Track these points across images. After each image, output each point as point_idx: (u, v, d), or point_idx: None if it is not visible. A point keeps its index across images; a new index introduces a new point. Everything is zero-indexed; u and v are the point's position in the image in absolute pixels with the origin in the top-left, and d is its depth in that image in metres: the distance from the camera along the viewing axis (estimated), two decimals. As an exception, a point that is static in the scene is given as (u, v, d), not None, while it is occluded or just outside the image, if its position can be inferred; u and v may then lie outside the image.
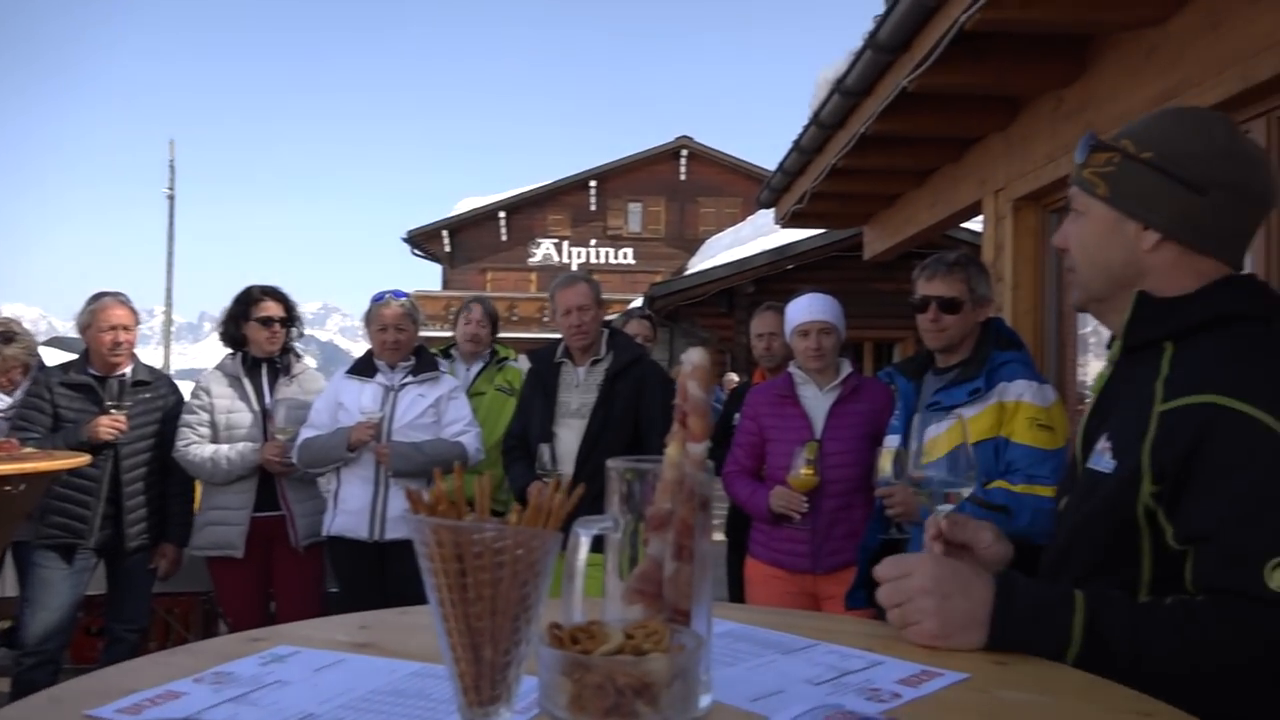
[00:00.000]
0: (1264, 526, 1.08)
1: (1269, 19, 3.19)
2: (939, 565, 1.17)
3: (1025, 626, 1.12)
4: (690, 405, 0.93)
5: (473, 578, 0.74)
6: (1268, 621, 1.04)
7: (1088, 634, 1.09)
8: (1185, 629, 1.07)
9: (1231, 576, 1.08)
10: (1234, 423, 1.11)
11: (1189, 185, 1.27)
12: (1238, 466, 1.11)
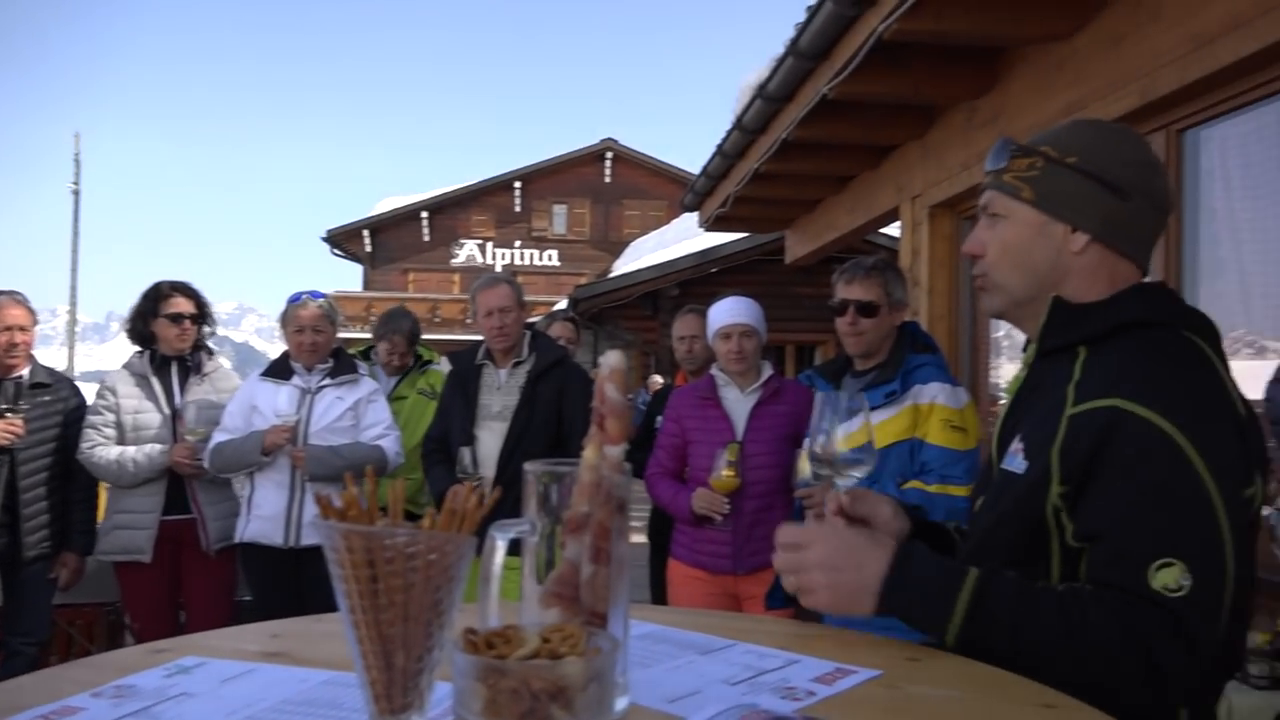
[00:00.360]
0: (1152, 528, 1.12)
1: (1168, 37, 3.33)
2: (834, 539, 1.19)
3: (912, 599, 1.16)
4: (608, 408, 0.93)
5: (384, 584, 0.72)
6: (1144, 618, 1.08)
7: (970, 613, 1.12)
8: (1068, 614, 1.11)
9: (1118, 573, 1.12)
10: (1134, 427, 1.15)
11: (1114, 190, 1.32)
12: (1133, 469, 1.15)
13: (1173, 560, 1.09)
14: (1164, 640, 1.07)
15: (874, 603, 1.16)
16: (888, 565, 1.17)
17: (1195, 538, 1.11)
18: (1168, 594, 1.08)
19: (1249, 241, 3.39)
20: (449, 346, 6.49)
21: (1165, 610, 1.08)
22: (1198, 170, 3.55)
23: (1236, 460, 1.17)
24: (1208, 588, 1.10)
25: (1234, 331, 3.44)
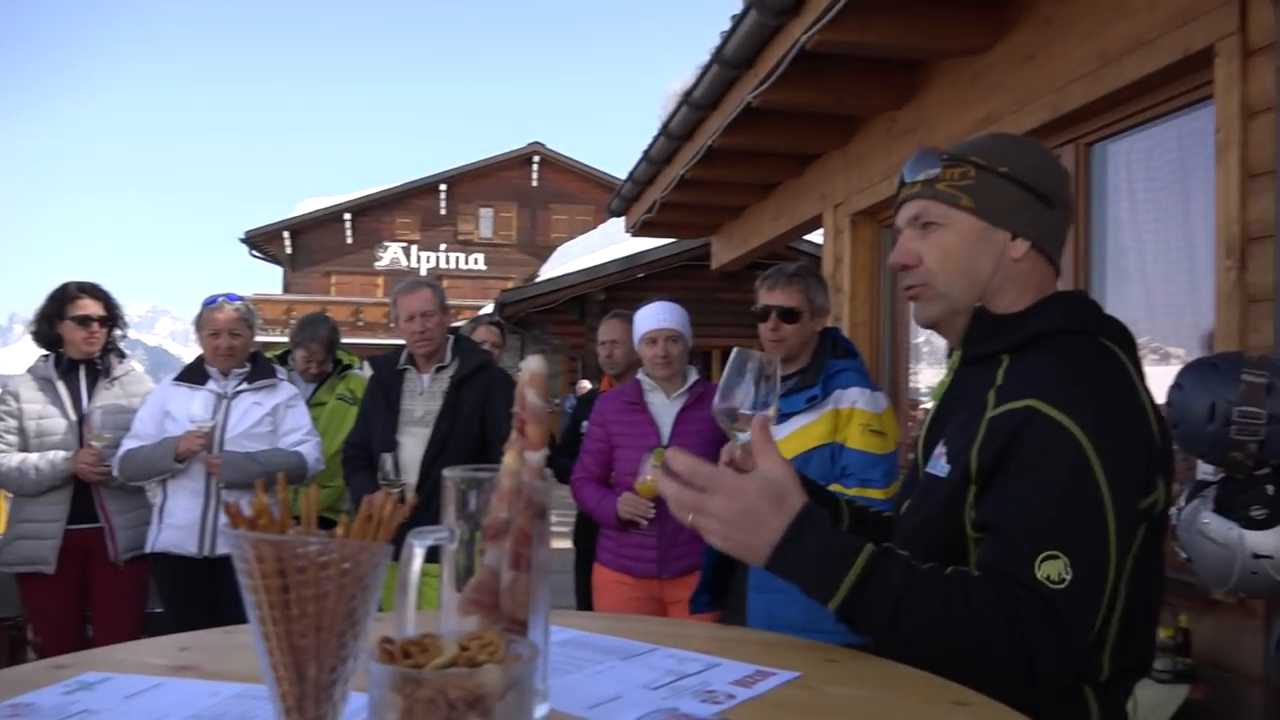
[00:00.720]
0: (1042, 522, 1.15)
1: (1076, 54, 3.45)
2: (736, 497, 1.16)
3: (801, 568, 1.16)
4: (528, 413, 0.92)
5: (296, 594, 0.71)
6: (1024, 605, 1.11)
7: (854, 589, 1.13)
8: (950, 593, 1.13)
9: (1005, 561, 1.15)
10: (1042, 425, 1.19)
11: (1042, 198, 1.37)
12: (1034, 465, 1.18)
13: (1058, 554, 1.12)
14: (1039, 629, 1.10)
15: (764, 563, 1.17)
16: (781, 535, 1.15)
17: (1082, 536, 1.15)
18: (1049, 585, 1.11)
19: (1152, 252, 3.53)
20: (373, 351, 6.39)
21: (1044, 600, 1.11)
22: (1105, 182, 3.69)
23: (1137, 468, 1.21)
24: (1086, 585, 1.13)
25: (1139, 339, 3.57)
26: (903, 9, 3.79)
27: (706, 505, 1.16)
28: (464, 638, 0.82)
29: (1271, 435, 2.22)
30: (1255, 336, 2.67)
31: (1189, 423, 2.33)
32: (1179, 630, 2.81)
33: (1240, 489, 2.32)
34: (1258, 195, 2.69)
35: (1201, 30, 2.87)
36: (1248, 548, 2.25)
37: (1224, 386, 2.27)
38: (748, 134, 5.03)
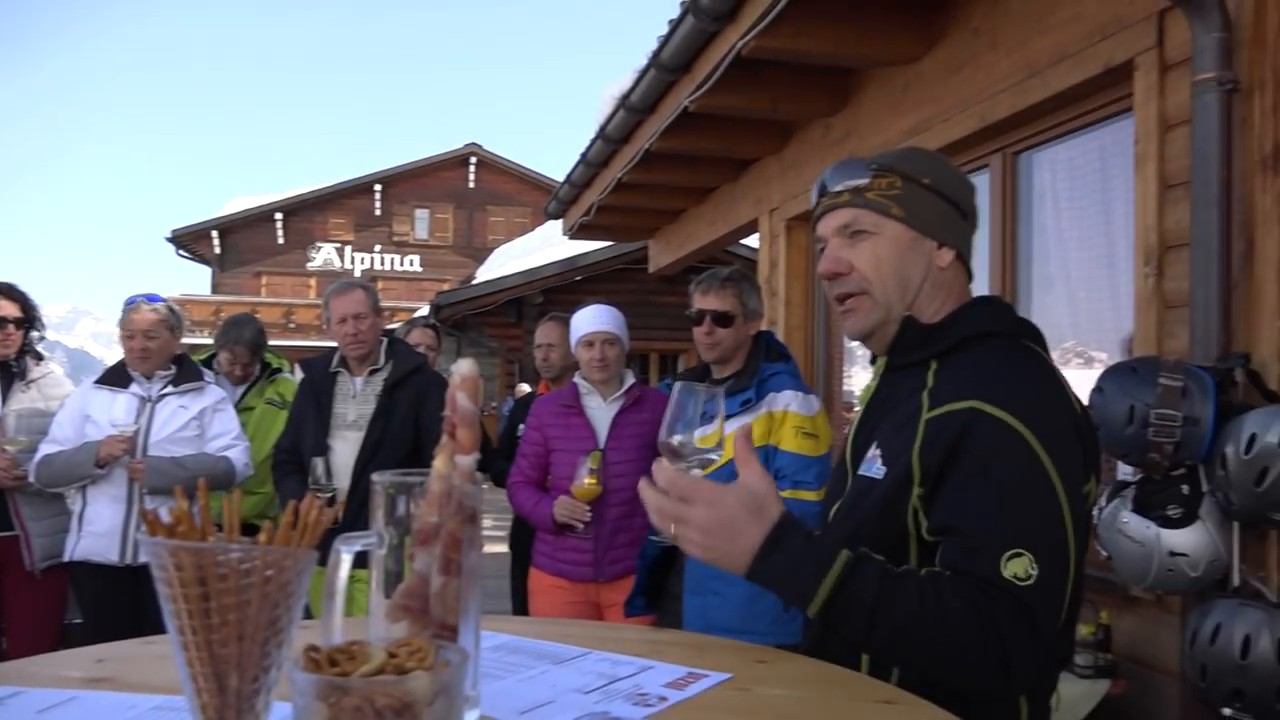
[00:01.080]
0: (1004, 521, 1.18)
1: (1003, 65, 3.54)
2: (716, 509, 1.17)
3: (779, 577, 1.17)
4: (459, 417, 0.91)
5: (216, 602, 0.69)
6: (997, 604, 1.14)
7: (832, 596, 1.14)
8: (925, 596, 1.14)
9: (972, 562, 1.17)
10: (989, 426, 1.22)
11: (960, 210, 1.43)
12: (987, 465, 1.21)
13: (1022, 551, 1.15)
14: (1013, 626, 1.13)
15: (744, 572, 1.18)
16: (759, 543, 1.16)
17: (1043, 531, 1.18)
18: (1017, 583, 1.14)
19: (1076, 258, 3.63)
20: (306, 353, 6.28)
21: (1014, 598, 1.14)
22: (1030, 190, 3.78)
23: (1077, 459, 1.25)
24: (1052, 579, 1.17)
25: (1064, 343, 3.67)
26: (836, 18, 3.85)
27: (687, 515, 1.17)
28: (392, 644, 0.80)
29: (1186, 437, 2.30)
30: (1172, 341, 2.77)
31: (1109, 425, 2.40)
32: (1100, 627, 2.89)
33: (1157, 489, 2.40)
34: (1174, 205, 2.79)
35: (1122, 45, 2.96)
36: (1164, 546, 2.33)
37: (1142, 390, 2.35)
38: (685, 138, 5.05)
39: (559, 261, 15.54)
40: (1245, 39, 2.51)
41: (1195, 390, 2.31)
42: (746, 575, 1.17)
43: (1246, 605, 2.22)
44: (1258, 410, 2.24)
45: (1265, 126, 2.48)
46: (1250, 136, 2.51)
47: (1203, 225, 2.52)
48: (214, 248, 28.34)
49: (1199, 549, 2.31)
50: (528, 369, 15.62)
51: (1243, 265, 2.51)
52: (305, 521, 0.77)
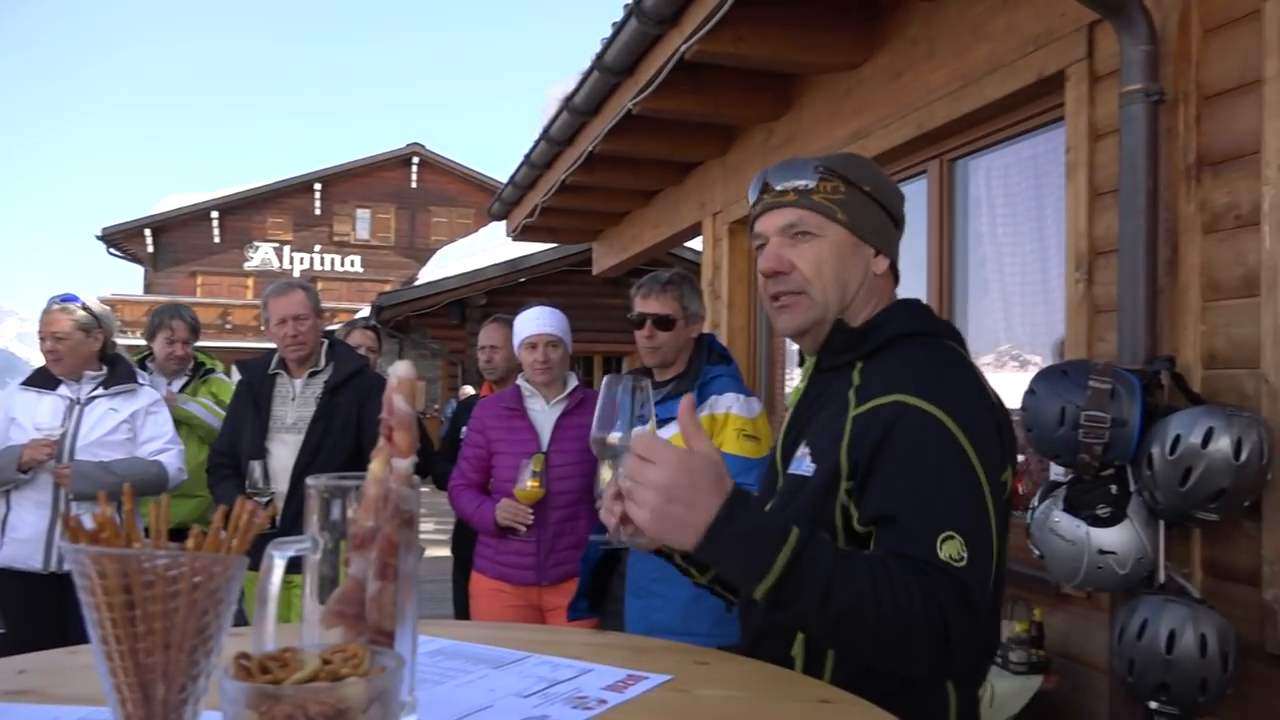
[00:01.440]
0: (935, 506, 1.20)
1: (940, 74, 3.60)
2: (680, 470, 1.13)
3: (733, 550, 1.13)
4: (396, 419, 0.91)
5: (142, 610, 0.67)
6: (939, 582, 1.16)
7: (787, 568, 1.12)
8: (877, 576, 1.14)
9: (909, 547, 1.19)
10: (914, 417, 1.25)
11: (894, 219, 1.47)
12: (914, 454, 1.24)
13: (953, 534, 1.18)
14: (954, 604, 1.15)
15: (693, 542, 1.13)
16: (717, 512, 1.13)
17: (970, 514, 1.21)
18: (953, 564, 1.17)
19: (1010, 264, 3.71)
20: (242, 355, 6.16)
21: (952, 578, 1.16)
22: (967, 197, 3.86)
23: (996, 448, 1.29)
24: (981, 560, 1.20)
25: (1000, 346, 3.75)
26: (778, 24, 3.89)
27: (648, 475, 1.12)
28: (326, 651, 0.79)
29: (1115, 438, 2.36)
30: (1101, 345, 2.84)
31: (1042, 426, 2.46)
32: (1033, 624, 2.96)
33: (1087, 489, 2.46)
34: (1103, 212, 2.87)
35: (1054, 56, 3.04)
36: (1094, 544, 2.39)
37: (1073, 392, 2.41)
38: (629, 140, 5.06)
39: (503, 263, 15.47)
40: (1171, 52, 2.59)
41: (1123, 393, 2.38)
42: (698, 547, 1.12)
43: (1171, 601, 2.29)
44: (1182, 412, 2.31)
45: (1189, 137, 2.56)
46: (1175, 147, 2.59)
47: (1130, 232, 2.59)
48: (147, 246, 27.66)
49: (1127, 547, 2.37)
50: (471, 371, 15.51)
51: (1168, 271, 2.59)
52: (236, 526, 0.75)
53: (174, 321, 4.36)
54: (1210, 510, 2.24)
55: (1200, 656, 2.20)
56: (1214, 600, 2.37)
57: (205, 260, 28.23)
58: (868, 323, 1.43)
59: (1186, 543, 2.52)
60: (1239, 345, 2.42)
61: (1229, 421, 2.21)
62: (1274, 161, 2.31)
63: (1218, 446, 2.19)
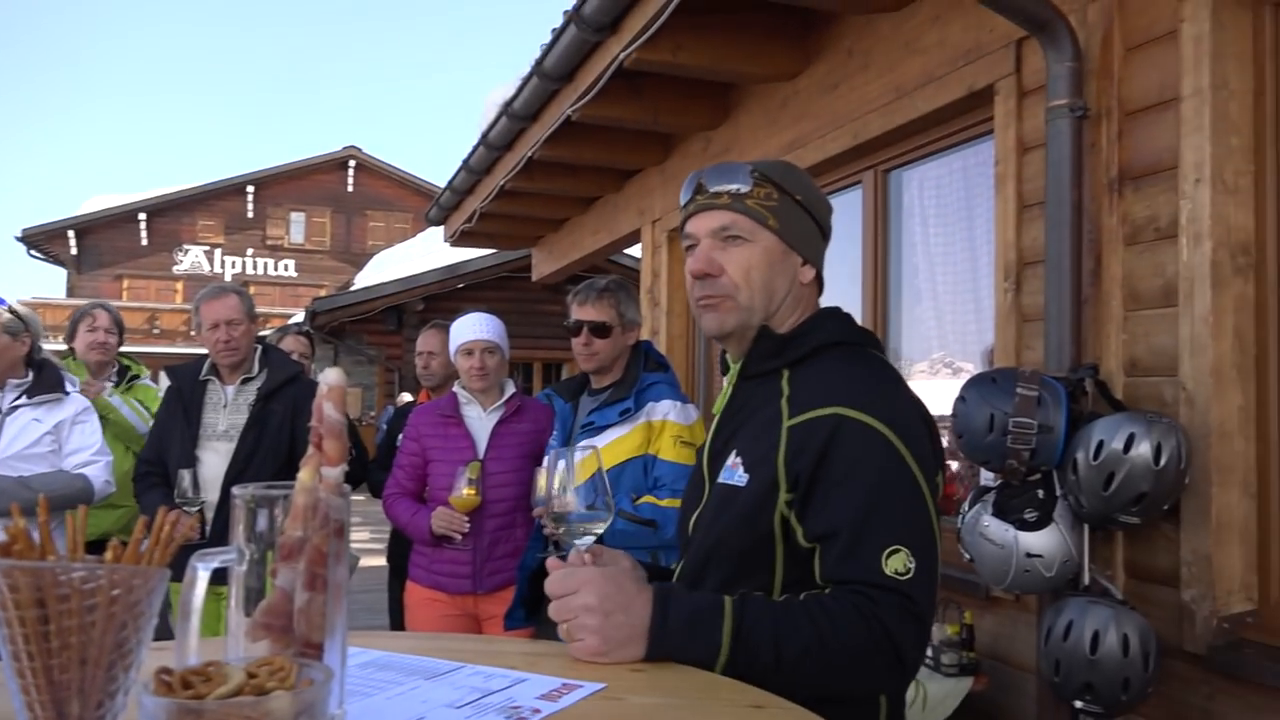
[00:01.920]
0: (880, 521, 1.22)
1: (874, 87, 3.67)
2: (604, 583, 1.18)
3: (680, 639, 1.17)
4: (325, 427, 0.89)
5: (56, 625, 0.65)
6: (884, 604, 1.18)
7: (734, 639, 1.16)
8: (817, 620, 1.18)
9: (853, 568, 1.21)
10: (855, 431, 1.26)
11: (822, 230, 1.48)
12: (857, 470, 1.25)
13: (899, 547, 1.20)
14: (900, 623, 1.18)
15: (643, 647, 1.16)
16: (653, 609, 1.17)
17: (914, 524, 1.24)
18: (898, 578, 1.19)
19: (942, 273, 3.78)
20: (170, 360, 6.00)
21: (896, 593, 1.18)
22: (900, 207, 3.93)
23: (930, 453, 1.32)
24: (927, 568, 1.22)
25: (933, 354, 3.82)
26: (716, 34, 3.92)
27: (574, 604, 1.17)
28: (252, 664, 0.77)
29: (1041, 444, 2.43)
30: (1029, 353, 2.92)
31: (972, 432, 2.51)
32: (964, 626, 3.02)
33: (1015, 494, 2.52)
34: (1030, 224, 2.94)
35: (983, 70, 3.11)
36: (1022, 548, 2.45)
37: (1001, 399, 2.47)
38: (568, 147, 5.06)
39: (441, 268, 15.33)
40: (1094, 69, 2.67)
41: (1049, 399, 2.44)
42: (648, 652, 1.16)
43: (1096, 603, 2.35)
44: (1105, 418, 2.38)
45: (1111, 152, 2.64)
46: (1098, 161, 2.67)
47: (1056, 244, 2.66)
48: (70, 248, 26.86)
49: (1053, 550, 2.43)
50: (408, 377, 15.32)
51: (1092, 281, 2.67)
52: (158, 537, 0.73)
53: (96, 310, 4.24)
54: (1132, 514, 2.31)
55: (1123, 656, 2.26)
56: (1135, 601, 2.44)
57: (132, 263, 27.52)
58: (794, 330, 1.43)
59: (1110, 546, 2.59)
60: (1158, 353, 2.50)
61: (1149, 427, 2.28)
62: (1191, 176, 2.39)
63: (1139, 452, 2.26)
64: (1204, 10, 2.38)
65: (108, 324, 4.25)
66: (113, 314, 4.33)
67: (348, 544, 0.93)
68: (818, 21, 4.03)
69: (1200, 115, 2.38)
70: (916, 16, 3.44)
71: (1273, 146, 2.39)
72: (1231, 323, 2.36)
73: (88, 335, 4.22)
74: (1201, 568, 2.33)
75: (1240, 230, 2.37)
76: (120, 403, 4.17)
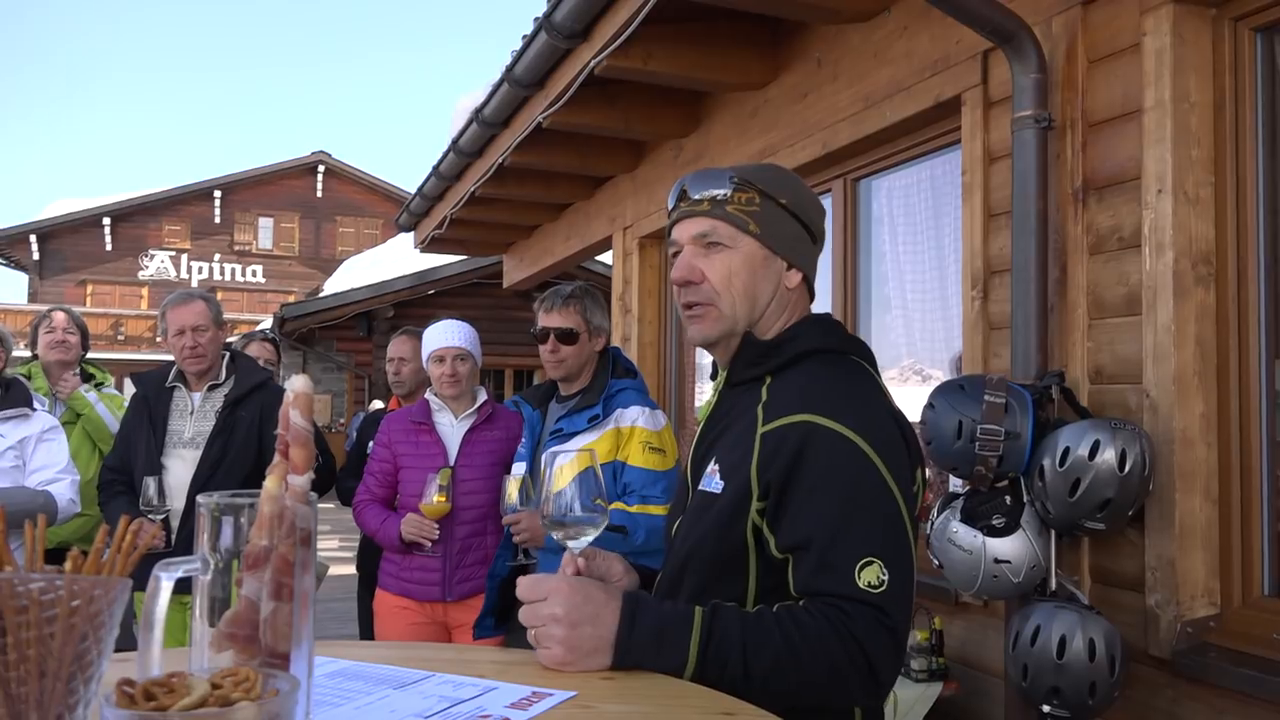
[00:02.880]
0: (853, 533, 1.22)
1: (843, 96, 3.70)
2: (573, 593, 1.18)
3: (647, 649, 1.17)
4: (292, 435, 0.88)
5: (13, 637, 0.64)
6: (857, 617, 1.18)
7: (703, 650, 1.16)
8: (787, 632, 1.17)
9: (827, 580, 1.21)
10: (826, 439, 1.26)
11: (811, 233, 1.46)
12: (828, 479, 1.24)
13: (872, 559, 1.19)
14: (873, 636, 1.17)
15: (610, 656, 1.16)
16: (619, 619, 1.17)
17: (887, 536, 1.23)
18: (871, 591, 1.18)
19: (911, 281, 3.82)
20: (135, 367, 5.92)
21: (870, 606, 1.18)
22: (870, 215, 3.96)
23: (905, 462, 1.31)
24: (902, 580, 1.21)
25: (902, 361, 3.85)
26: (687, 42, 3.93)
27: (542, 612, 1.18)
28: (216, 675, 0.76)
29: (1008, 450, 2.45)
30: (996, 361, 2.95)
31: (940, 439, 2.53)
32: (933, 632, 3.04)
33: (983, 500, 2.54)
34: (997, 233, 2.97)
35: (950, 81, 3.15)
36: (990, 554, 2.47)
37: (969, 406, 2.49)
38: (539, 153, 5.05)
39: (411, 274, 15.23)
40: (1059, 81, 2.71)
41: (1016, 406, 2.47)
42: (615, 660, 1.16)
43: (1062, 608, 2.38)
44: (1071, 425, 2.41)
45: (1075, 162, 2.68)
46: (1063, 171, 2.70)
47: (1022, 252, 2.70)
48: (32, 253, 26.45)
49: (1020, 556, 2.46)
50: (379, 384, 15.21)
51: (1057, 290, 2.70)
52: (120, 546, 0.72)
53: (53, 312, 4.21)
54: (1097, 520, 2.34)
55: (1089, 661, 2.28)
56: (1101, 606, 2.47)
57: (96, 269, 27.15)
58: (778, 336, 1.42)
59: (1076, 551, 2.62)
60: (1123, 361, 2.54)
61: (1114, 434, 2.31)
62: (1153, 187, 2.43)
63: (1104, 458, 2.29)
64: (1165, 24, 2.42)
65: (65, 323, 4.21)
66: (72, 315, 4.30)
67: (315, 552, 0.92)
68: (787, 31, 4.06)
69: (1162, 127, 2.42)
70: (885, 27, 3.47)
71: (1233, 158, 2.43)
72: (1193, 331, 2.40)
73: (46, 336, 4.18)
74: (1165, 573, 2.37)
75: (1201, 240, 2.41)
76: (96, 399, 4.12)
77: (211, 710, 0.71)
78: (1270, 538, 2.37)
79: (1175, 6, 2.41)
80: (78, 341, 4.27)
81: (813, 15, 3.63)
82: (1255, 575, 2.38)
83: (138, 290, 27.18)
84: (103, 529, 0.72)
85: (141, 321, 23.35)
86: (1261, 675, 2.17)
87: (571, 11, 3.66)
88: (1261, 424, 2.39)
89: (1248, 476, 2.40)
